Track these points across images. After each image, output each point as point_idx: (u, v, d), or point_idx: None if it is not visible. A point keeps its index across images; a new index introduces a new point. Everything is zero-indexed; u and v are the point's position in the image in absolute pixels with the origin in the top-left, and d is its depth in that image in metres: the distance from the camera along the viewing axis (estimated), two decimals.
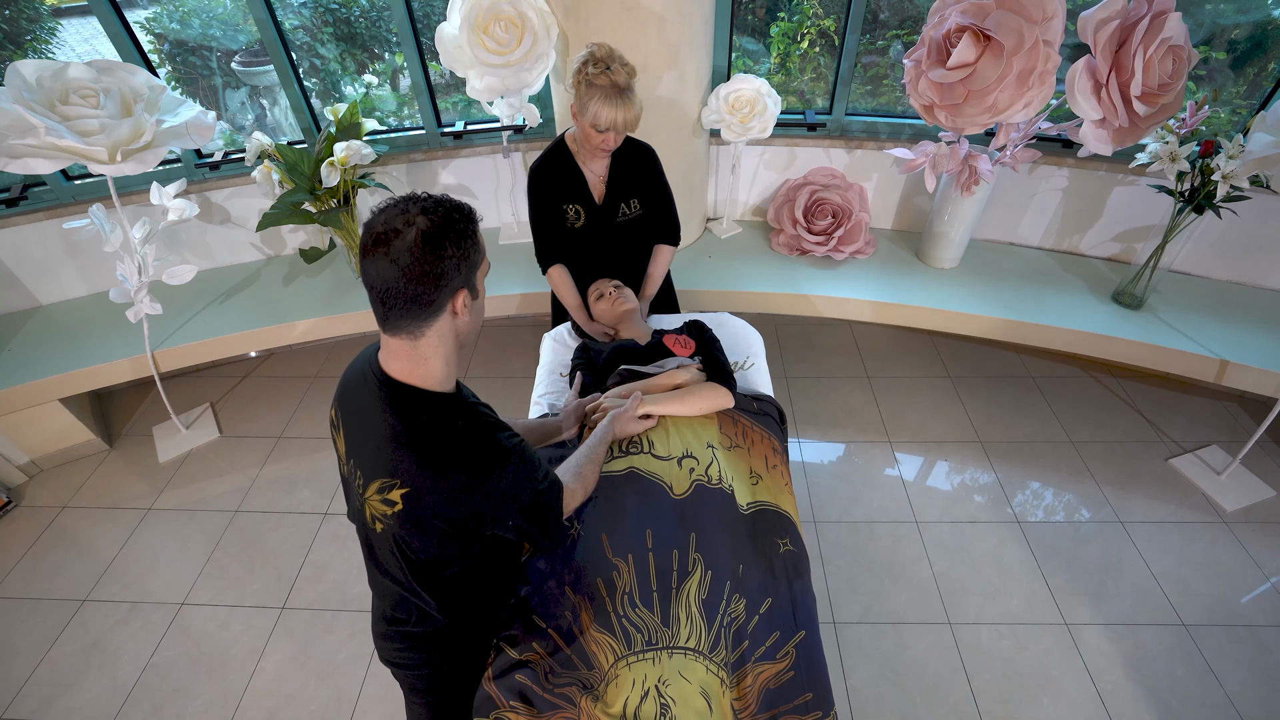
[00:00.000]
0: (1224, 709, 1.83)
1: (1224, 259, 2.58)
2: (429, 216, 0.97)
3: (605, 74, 1.67)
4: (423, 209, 0.98)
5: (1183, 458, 2.54)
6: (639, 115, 1.74)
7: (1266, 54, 2.52)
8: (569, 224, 1.98)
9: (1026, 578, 2.16)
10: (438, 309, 0.99)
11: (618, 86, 1.68)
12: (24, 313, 2.72)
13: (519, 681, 1.20)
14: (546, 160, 1.94)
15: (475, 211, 1.04)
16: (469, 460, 1.00)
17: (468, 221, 1.01)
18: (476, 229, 1.02)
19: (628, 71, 1.70)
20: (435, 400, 1.03)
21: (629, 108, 1.71)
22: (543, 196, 1.95)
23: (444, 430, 1.01)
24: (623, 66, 1.69)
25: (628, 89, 1.70)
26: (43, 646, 2.09)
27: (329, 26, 3.34)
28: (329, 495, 2.53)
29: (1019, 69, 1.91)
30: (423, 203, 0.99)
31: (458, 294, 1.00)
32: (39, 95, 1.89)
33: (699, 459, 1.45)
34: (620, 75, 1.68)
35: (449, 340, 1.03)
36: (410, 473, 1.00)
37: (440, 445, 1.00)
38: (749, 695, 1.21)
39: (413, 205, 0.99)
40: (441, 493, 1.00)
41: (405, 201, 1.00)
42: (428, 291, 0.96)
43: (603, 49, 1.70)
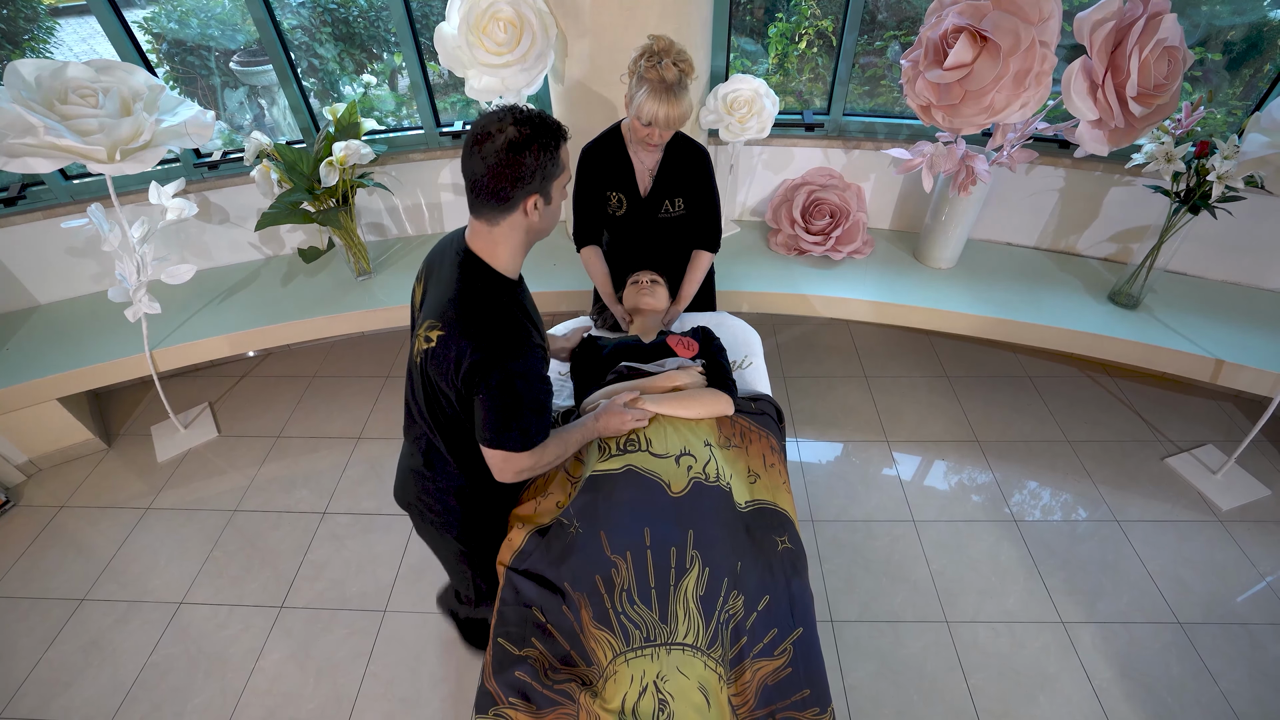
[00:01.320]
0: (1219, 706, 1.84)
1: (1219, 259, 2.59)
2: (519, 128, 1.13)
3: (655, 68, 1.65)
4: (515, 120, 1.14)
5: (1179, 457, 2.55)
6: (687, 113, 1.72)
7: (1262, 55, 2.54)
8: (610, 210, 1.99)
9: (1023, 576, 2.17)
10: (512, 205, 1.17)
11: (665, 82, 1.66)
12: (22, 312, 2.72)
13: (518, 678, 1.20)
14: (598, 144, 1.94)
15: (564, 129, 1.20)
16: (494, 334, 1.19)
17: (552, 137, 1.16)
18: (560, 145, 1.18)
19: (680, 69, 1.67)
20: (494, 277, 1.23)
21: (675, 104, 1.68)
22: (588, 178, 1.96)
23: (489, 303, 1.21)
24: (676, 63, 1.66)
25: (677, 85, 1.68)
26: (41, 645, 2.09)
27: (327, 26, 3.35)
28: (327, 495, 2.53)
29: (1016, 69, 1.92)
30: (517, 114, 1.15)
31: (531, 196, 1.17)
32: (38, 94, 1.90)
33: (697, 457, 1.45)
34: (670, 72, 1.65)
35: (519, 233, 1.22)
36: (450, 321, 1.20)
37: (480, 312, 1.20)
38: (747, 691, 1.22)
39: (509, 115, 1.15)
40: (464, 348, 1.18)
41: (506, 111, 1.16)
42: (505, 189, 1.14)
43: (661, 42, 1.68)
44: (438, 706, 1.89)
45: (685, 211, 2.00)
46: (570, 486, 1.52)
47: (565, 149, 1.20)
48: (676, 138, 1.90)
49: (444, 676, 1.96)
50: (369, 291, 2.73)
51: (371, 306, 2.65)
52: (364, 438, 2.78)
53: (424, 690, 1.93)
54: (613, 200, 1.96)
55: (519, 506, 1.55)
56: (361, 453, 2.71)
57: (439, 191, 3.00)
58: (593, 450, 1.53)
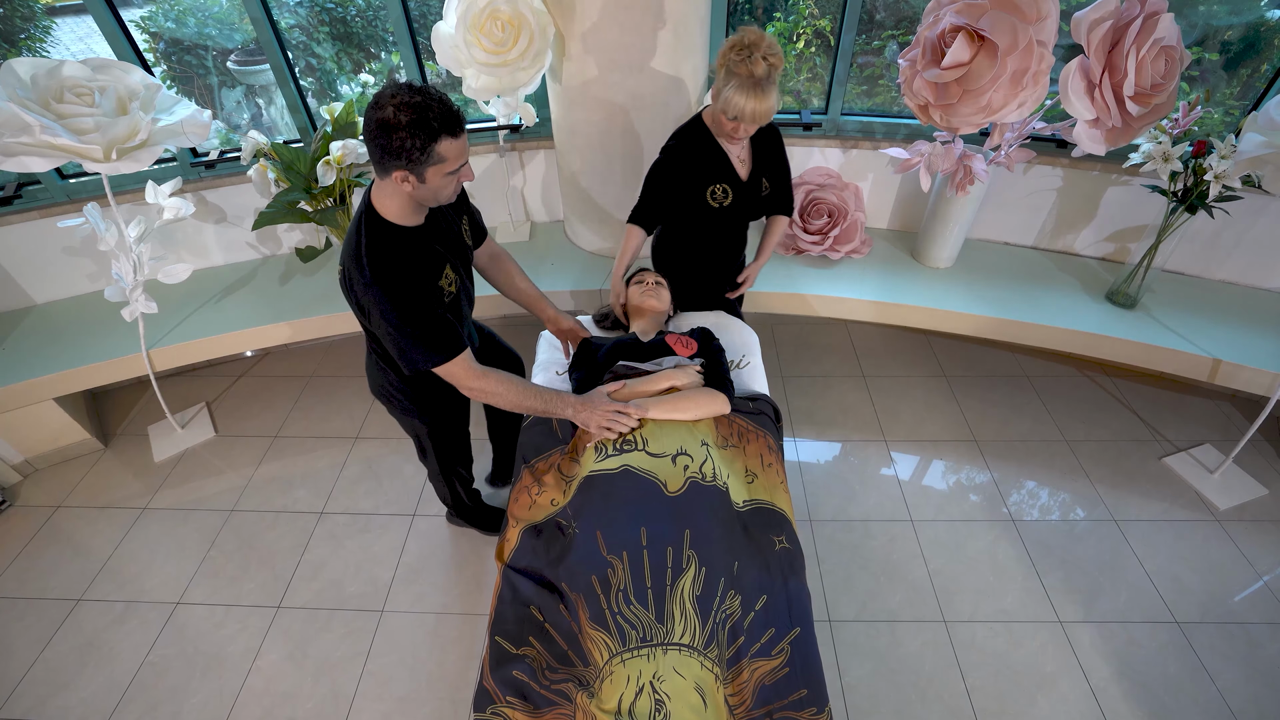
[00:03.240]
0: (1216, 705, 1.84)
1: (1217, 259, 2.59)
2: (399, 111, 1.20)
3: (745, 63, 1.61)
4: (401, 102, 1.20)
5: (1176, 456, 2.55)
6: (773, 108, 1.69)
7: (1259, 55, 2.54)
8: (715, 203, 1.95)
9: (1021, 576, 2.17)
10: (385, 172, 1.29)
11: (755, 77, 1.63)
12: (18, 311, 2.71)
13: (516, 677, 1.20)
14: (684, 138, 1.90)
15: (452, 124, 1.25)
16: (376, 269, 1.35)
17: (427, 131, 1.22)
18: (436, 140, 1.24)
19: (770, 63, 1.63)
20: (380, 223, 1.38)
21: (762, 99, 1.65)
22: (681, 176, 1.92)
23: (372, 243, 1.36)
24: (766, 58, 1.62)
25: (766, 80, 1.64)
26: (38, 645, 2.08)
27: (325, 26, 3.34)
28: (324, 494, 2.53)
29: (1013, 69, 1.92)
30: (406, 97, 1.20)
31: (399, 171, 1.27)
32: (34, 93, 1.89)
33: (693, 456, 1.45)
34: (760, 67, 1.61)
35: (400, 194, 1.34)
36: (346, 255, 1.41)
37: (357, 246, 1.37)
38: (744, 691, 1.21)
39: (400, 94, 1.21)
40: (353, 278, 1.39)
41: (402, 89, 1.22)
42: (375, 156, 1.27)
43: (751, 34, 1.64)
44: (435, 706, 1.89)
45: (771, 189, 2.02)
46: (566, 486, 1.52)
47: (448, 143, 1.26)
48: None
49: (441, 676, 1.96)
50: None
51: None
52: (361, 437, 2.77)
53: (421, 690, 1.93)
54: (718, 193, 1.93)
55: (514, 505, 1.55)
56: (359, 452, 2.71)
57: None
58: (589, 450, 1.52)
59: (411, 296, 1.38)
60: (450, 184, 1.35)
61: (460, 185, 1.41)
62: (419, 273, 1.41)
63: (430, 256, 1.45)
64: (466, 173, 1.37)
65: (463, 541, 2.33)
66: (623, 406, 1.54)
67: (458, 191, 1.42)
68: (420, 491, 2.52)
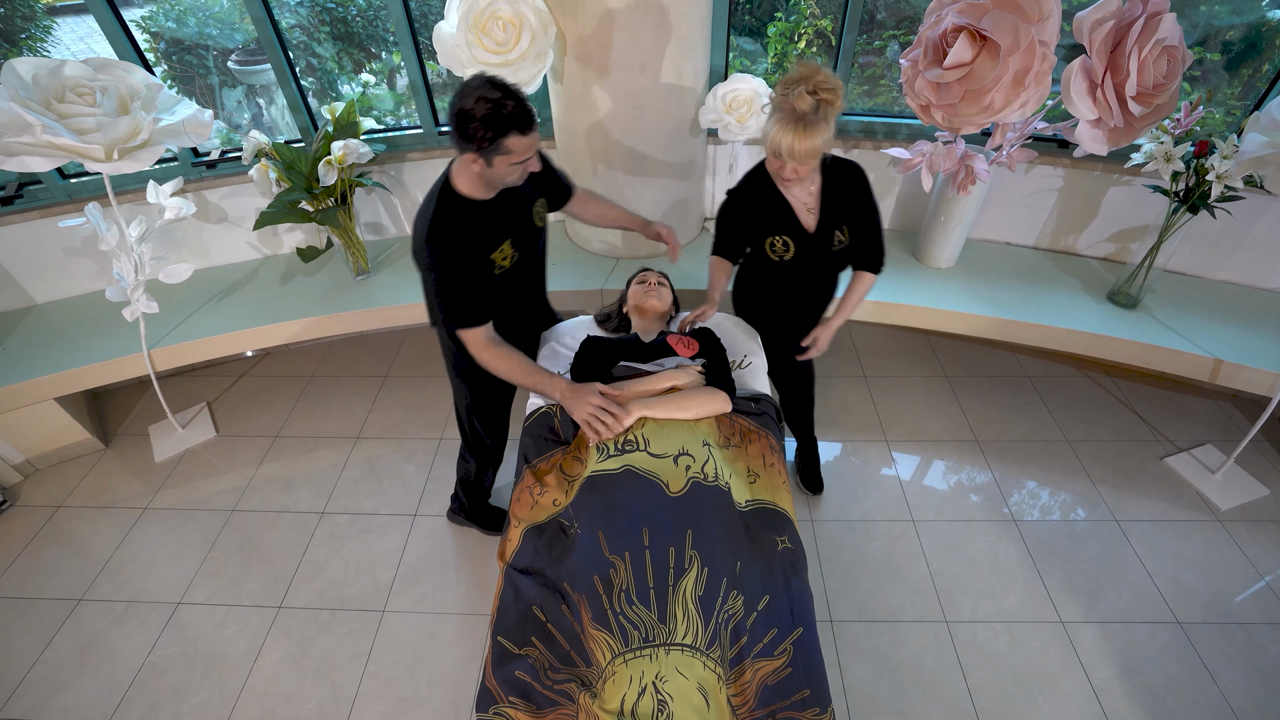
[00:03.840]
0: (1218, 705, 1.84)
1: (1218, 259, 2.59)
2: (479, 104, 1.36)
3: (789, 96, 1.52)
4: (481, 96, 1.36)
5: (1177, 456, 2.55)
6: (819, 147, 1.57)
7: (1260, 55, 2.54)
8: (776, 256, 1.83)
9: (1022, 576, 2.17)
10: (460, 151, 1.45)
11: (796, 112, 1.52)
12: (19, 311, 2.71)
13: (518, 677, 1.20)
14: (746, 182, 1.81)
15: (523, 123, 1.40)
16: (432, 232, 1.52)
17: (498, 128, 1.38)
18: (504, 137, 1.39)
19: (819, 98, 1.52)
20: (450, 192, 1.55)
21: (805, 136, 1.54)
22: (742, 224, 1.83)
23: (437, 208, 1.53)
24: (816, 91, 1.51)
25: (812, 114, 1.53)
26: (38, 646, 2.08)
27: (325, 26, 3.34)
28: (326, 494, 2.53)
29: (1015, 69, 1.92)
30: (489, 94, 1.36)
31: (470, 154, 1.43)
32: (35, 93, 1.89)
33: (695, 457, 1.45)
34: (805, 101, 1.50)
35: (470, 172, 1.51)
36: (417, 213, 1.59)
37: (425, 209, 1.55)
38: (747, 691, 1.21)
39: (484, 88, 1.37)
40: (414, 236, 1.58)
41: (491, 85, 1.38)
42: (452, 137, 1.43)
43: (804, 68, 1.53)
44: (436, 707, 1.89)
45: (851, 240, 1.86)
46: (568, 486, 1.52)
47: (516, 139, 1.40)
48: (830, 160, 1.77)
49: (442, 677, 1.96)
50: (367, 291, 2.73)
51: (370, 306, 2.64)
52: (362, 437, 2.77)
53: (422, 690, 1.93)
54: (777, 245, 1.80)
55: (516, 505, 1.55)
56: (360, 452, 2.71)
57: None
58: (591, 451, 1.52)
59: (455, 264, 1.55)
60: (515, 172, 1.50)
61: (527, 172, 1.54)
62: (472, 244, 1.57)
63: (490, 231, 1.60)
64: (532, 164, 1.53)
65: (464, 542, 2.33)
66: (610, 405, 1.54)
67: (524, 178, 1.56)
68: (421, 492, 2.52)
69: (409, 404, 2.92)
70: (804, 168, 1.63)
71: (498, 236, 1.61)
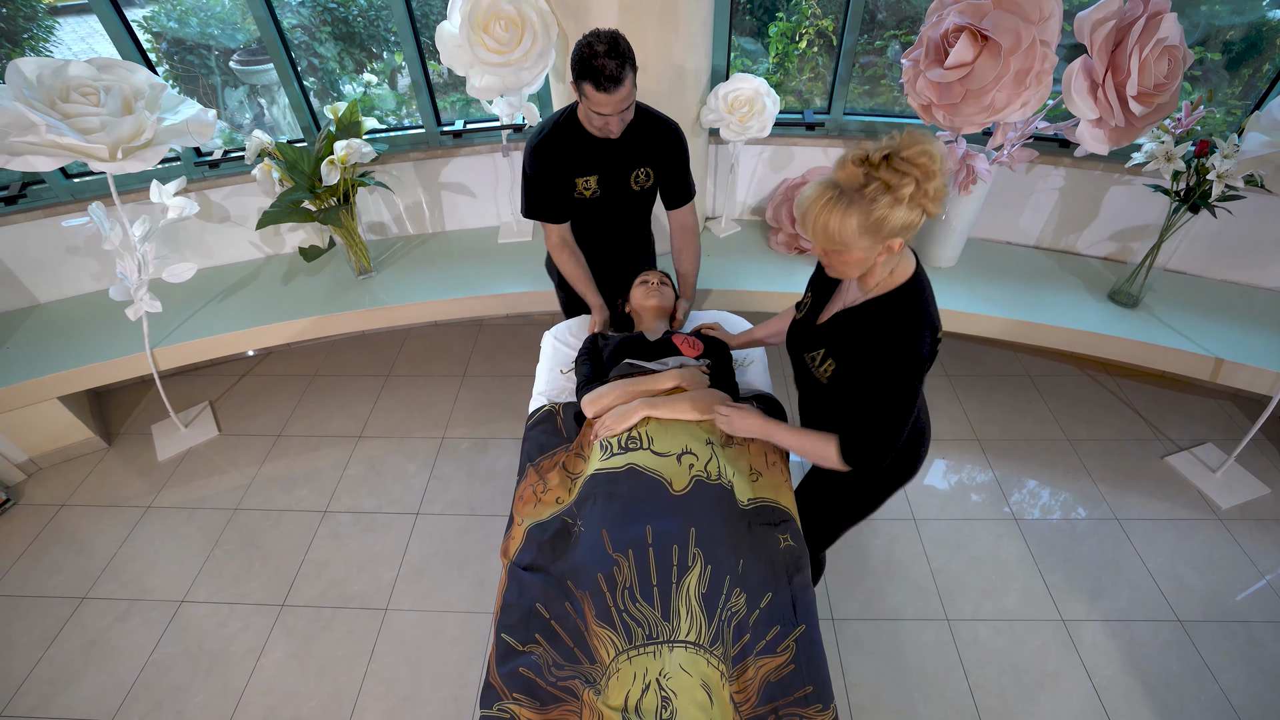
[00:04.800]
0: (1218, 703, 1.84)
1: (1219, 258, 2.60)
2: (584, 47, 1.58)
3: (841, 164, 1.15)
4: (589, 44, 1.58)
5: (1178, 455, 2.55)
6: (842, 233, 1.20)
7: (1261, 55, 2.55)
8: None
9: (1024, 574, 2.17)
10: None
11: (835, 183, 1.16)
12: (22, 311, 2.71)
13: (522, 674, 1.21)
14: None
15: (586, 70, 1.57)
16: (535, 132, 1.85)
17: (576, 75, 1.60)
18: (582, 83, 1.60)
19: (879, 177, 1.12)
20: (571, 111, 1.81)
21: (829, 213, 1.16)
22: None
23: (555, 117, 1.83)
24: (879, 163, 1.12)
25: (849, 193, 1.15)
26: (42, 644, 2.09)
27: (327, 25, 3.35)
28: (328, 493, 2.53)
29: (1016, 69, 1.93)
30: (587, 40, 1.58)
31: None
32: (39, 93, 1.89)
33: (698, 455, 1.46)
34: (850, 175, 1.13)
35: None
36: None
37: (547, 118, 1.86)
38: (749, 688, 1.22)
39: (597, 43, 1.56)
40: None
41: (596, 37, 1.57)
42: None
43: (905, 139, 1.11)
44: (438, 705, 1.89)
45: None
46: (571, 483, 1.53)
47: (589, 88, 1.59)
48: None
49: (444, 675, 1.96)
50: (369, 290, 2.73)
51: (372, 305, 2.65)
52: (364, 437, 2.78)
53: (425, 688, 1.93)
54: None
55: (519, 504, 1.55)
56: (362, 452, 2.71)
57: (440, 190, 3.00)
58: (595, 449, 1.53)
59: (540, 167, 1.82)
60: (598, 121, 1.67)
61: (609, 127, 1.69)
62: (562, 159, 1.82)
63: (581, 159, 1.83)
64: (602, 122, 1.68)
65: (466, 541, 2.33)
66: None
67: (605, 131, 1.72)
68: (423, 491, 2.53)
69: (411, 403, 2.93)
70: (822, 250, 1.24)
71: (586, 168, 1.86)
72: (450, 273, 2.81)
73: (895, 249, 1.16)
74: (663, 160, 1.93)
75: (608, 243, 2.11)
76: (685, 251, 2.09)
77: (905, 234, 1.14)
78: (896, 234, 1.13)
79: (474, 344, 3.25)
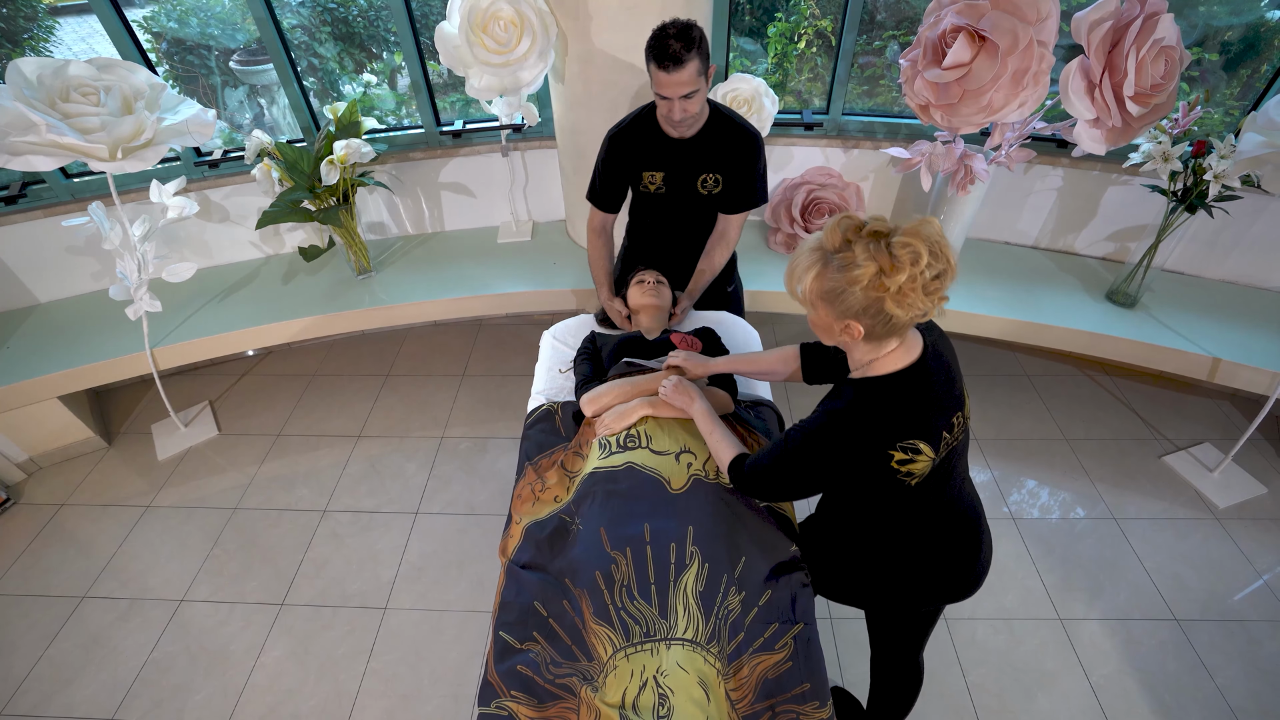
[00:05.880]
0: (1215, 702, 1.85)
1: (1216, 258, 2.60)
2: (656, 30, 1.65)
3: (833, 229, 1.07)
4: (660, 27, 1.64)
5: (1176, 455, 2.56)
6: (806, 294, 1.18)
7: (1259, 55, 2.55)
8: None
9: (1022, 574, 2.18)
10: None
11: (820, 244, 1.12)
12: (22, 310, 2.72)
13: (520, 672, 1.21)
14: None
15: (651, 61, 1.67)
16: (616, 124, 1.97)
17: (647, 57, 1.67)
18: (650, 63, 1.67)
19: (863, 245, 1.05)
20: (650, 105, 1.90)
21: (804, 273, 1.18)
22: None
23: (635, 110, 1.94)
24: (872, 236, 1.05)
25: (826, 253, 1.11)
26: (42, 643, 2.09)
27: (327, 26, 3.35)
28: (327, 493, 2.54)
29: (1014, 69, 1.93)
30: (664, 29, 1.64)
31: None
32: (39, 93, 1.90)
33: (696, 454, 1.46)
34: (833, 238, 1.06)
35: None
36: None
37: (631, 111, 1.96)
38: (746, 685, 1.22)
39: (667, 26, 1.64)
40: None
41: (671, 24, 1.63)
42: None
43: (917, 230, 1.03)
44: (438, 703, 1.90)
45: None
46: (569, 481, 1.53)
47: (653, 68, 1.66)
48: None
49: (444, 673, 1.97)
50: (369, 290, 2.74)
51: (371, 305, 2.65)
52: (364, 436, 2.78)
53: (424, 686, 1.94)
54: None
55: (517, 503, 1.56)
56: (361, 451, 2.72)
57: (439, 190, 3.01)
58: (593, 447, 1.53)
59: (608, 157, 1.93)
60: (664, 106, 1.73)
61: (676, 114, 1.71)
62: (632, 150, 1.90)
63: (653, 155, 1.90)
64: (665, 107, 1.73)
65: (465, 540, 2.34)
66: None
67: (670, 119, 1.76)
68: (423, 490, 2.53)
69: (410, 403, 2.93)
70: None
71: (654, 163, 1.92)
72: (450, 273, 2.82)
73: (854, 335, 1.07)
74: (734, 166, 1.91)
75: (669, 240, 2.13)
76: (712, 251, 2.06)
77: (864, 322, 1.04)
78: (852, 316, 1.04)
79: (473, 344, 3.25)
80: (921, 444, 1.07)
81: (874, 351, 1.11)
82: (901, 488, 1.11)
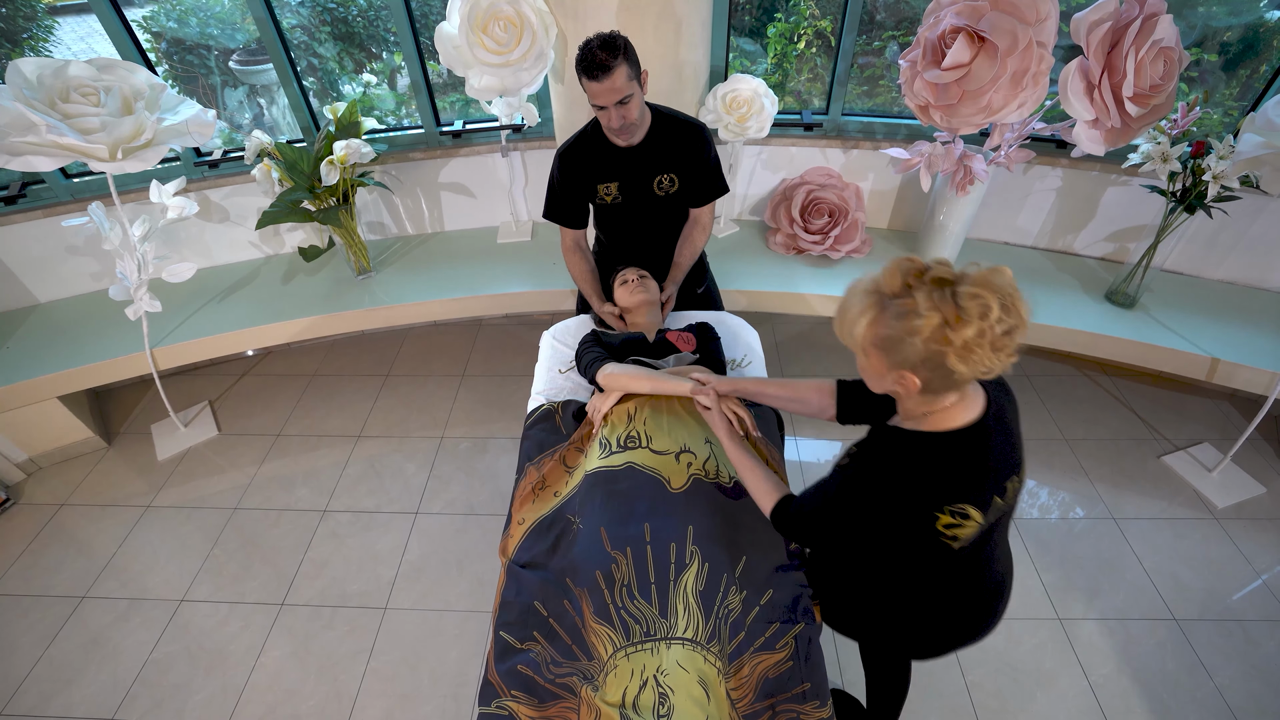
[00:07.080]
0: (1214, 701, 1.85)
1: (1215, 258, 2.60)
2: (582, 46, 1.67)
3: (893, 273, 1.01)
4: (585, 42, 1.66)
5: (1175, 455, 2.56)
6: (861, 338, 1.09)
7: (1258, 56, 2.56)
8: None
9: (1021, 573, 2.18)
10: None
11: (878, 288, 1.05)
12: (22, 310, 2.72)
13: (521, 671, 1.21)
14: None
15: (582, 74, 1.69)
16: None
17: (578, 70, 1.69)
18: (581, 76, 1.71)
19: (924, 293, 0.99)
20: (596, 120, 1.92)
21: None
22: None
23: (582, 127, 1.98)
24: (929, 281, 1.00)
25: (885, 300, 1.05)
26: (42, 643, 2.09)
27: (327, 26, 3.35)
28: (327, 493, 2.54)
29: (1013, 70, 1.93)
30: (587, 43, 1.66)
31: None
32: (39, 93, 1.90)
33: (696, 454, 1.46)
34: (893, 282, 0.99)
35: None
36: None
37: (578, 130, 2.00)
38: (746, 684, 1.23)
39: (591, 40, 1.66)
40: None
41: (596, 36, 1.65)
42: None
43: (989, 278, 0.95)
44: (438, 703, 1.90)
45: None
46: (568, 476, 1.54)
47: (587, 82, 1.68)
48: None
49: (444, 673, 1.97)
50: (369, 290, 2.74)
51: (371, 305, 2.65)
52: (364, 436, 2.78)
53: (424, 686, 1.94)
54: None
55: (518, 503, 1.56)
56: (361, 451, 2.72)
57: (439, 190, 3.01)
58: (594, 446, 1.54)
59: (561, 175, 1.95)
60: (603, 117, 1.76)
61: (615, 121, 1.75)
62: (584, 166, 1.92)
63: (605, 167, 1.92)
64: (605, 116, 1.75)
65: (465, 540, 2.34)
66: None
67: (611, 128, 1.79)
68: (422, 490, 2.53)
69: (410, 403, 2.93)
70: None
71: (607, 175, 1.94)
72: (449, 273, 2.82)
73: (909, 388, 0.97)
74: (686, 163, 1.95)
75: (638, 247, 2.15)
76: (685, 241, 2.11)
77: (922, 374, 0.95)
78: (909, 367, 0.95)
79: (473, 344, 3.26)
80: (971, 509, 0.98)
81: (929, 405, 1.01)
82: (942, 550, 1.02)
